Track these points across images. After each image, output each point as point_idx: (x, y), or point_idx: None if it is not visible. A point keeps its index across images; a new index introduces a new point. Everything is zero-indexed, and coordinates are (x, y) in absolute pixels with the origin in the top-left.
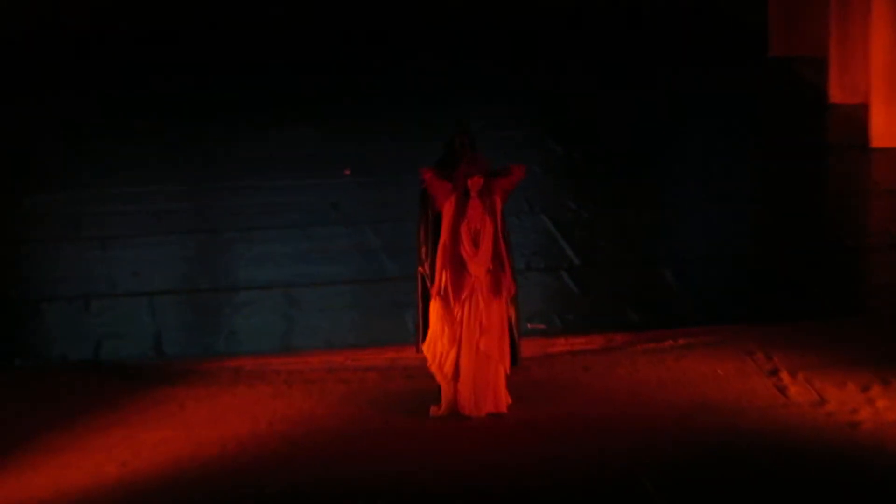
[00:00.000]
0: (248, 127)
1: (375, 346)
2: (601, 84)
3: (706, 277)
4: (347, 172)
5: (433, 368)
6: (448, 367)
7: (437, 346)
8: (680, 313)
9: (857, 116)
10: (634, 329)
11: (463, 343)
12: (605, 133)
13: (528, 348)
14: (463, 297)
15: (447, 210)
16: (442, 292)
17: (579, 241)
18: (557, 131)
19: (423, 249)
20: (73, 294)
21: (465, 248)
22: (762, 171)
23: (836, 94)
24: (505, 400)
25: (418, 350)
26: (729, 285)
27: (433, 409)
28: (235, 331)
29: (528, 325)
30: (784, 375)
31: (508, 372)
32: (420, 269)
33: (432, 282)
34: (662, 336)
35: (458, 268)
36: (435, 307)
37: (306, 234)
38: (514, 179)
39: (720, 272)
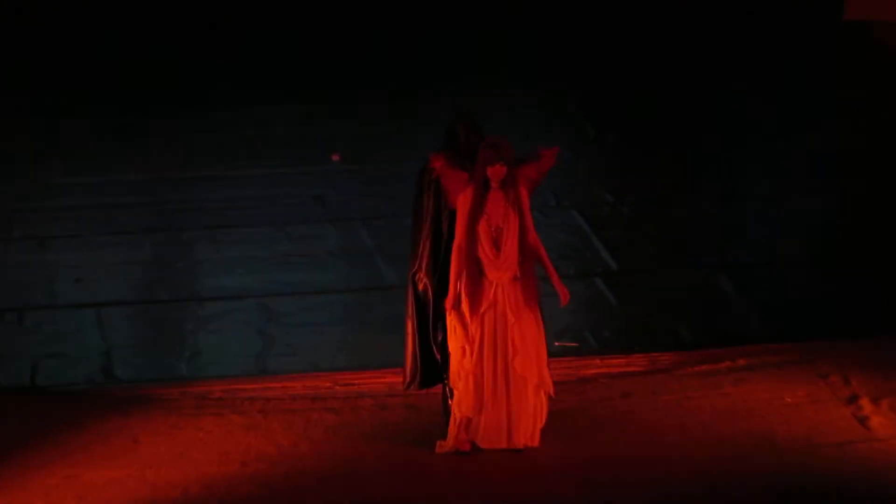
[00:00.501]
0: (215, 104)
1: (370, 368)
2: (644, 49)
3: (771, 285)
4: (336, 158)
5: (454, 398)
6: (464, 392)
7: (454, 369)
8: (739, 328)
9: None
10: (684, 348)
11: (485, 364)
12: (649, 109)
13: (557, 371)
14: (481, 310)
15: (462, 205)
16: (456, 305)
17: (617, 242)
18: (590, 107)
19: (420, 253)
20: (4, 306)
21: (485, 251)
22: (836, 155)
23: None
24: (538, 431)
25: (406, 386)
26: (798, 294)
27: (439, 445)
28: (200, 350)
29: (556, 344)
30: (865, 403)
31: (553, 394)
32: (415, 270)
33: (434, 291)
34: (718, 356)
35: (475, 275)
36: (451, 324)
37: (285, 234)
38: (544, 166)
39: (787, 278)
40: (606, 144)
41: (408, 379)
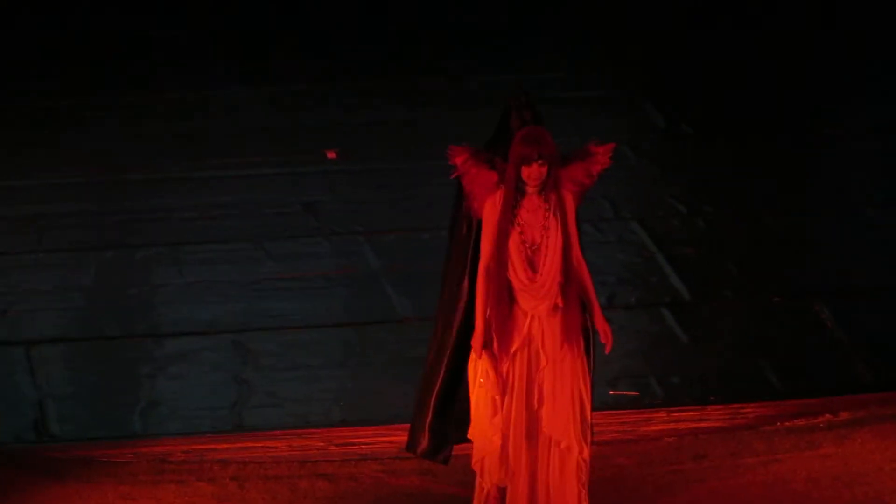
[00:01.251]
0: (175, 84)
1: (375, 424)
2: (730, 17)
3: (883, 320)
4: (332, 156)
5: (475, 464)
6: (492, 456)
7: (479, 427)
8: (843, 373)
9: None
10: (774, 398)
11: (514, 420)
12: (737, 93)
13: (612, 428)
14: (513, 349)
15: (489, 214)
16: (487, 344)
17: (690, 263)
18: (659, 92)
19: (454, 282)
20: None
21: (517, 273)
22: None
23: None
24: None
25: (411, 449)
26: None
27: None
28: (159, 400)
29: (611, 393)
30: None
31: (587, 458)
32: (448, 299)
33: (467, 331)
34: (816, 407)
35: (504, 304)
36: (473, 369)
37: (267, 252)
38: (595, 167)
39: None
40: (679, 138)
41: (413, 439)
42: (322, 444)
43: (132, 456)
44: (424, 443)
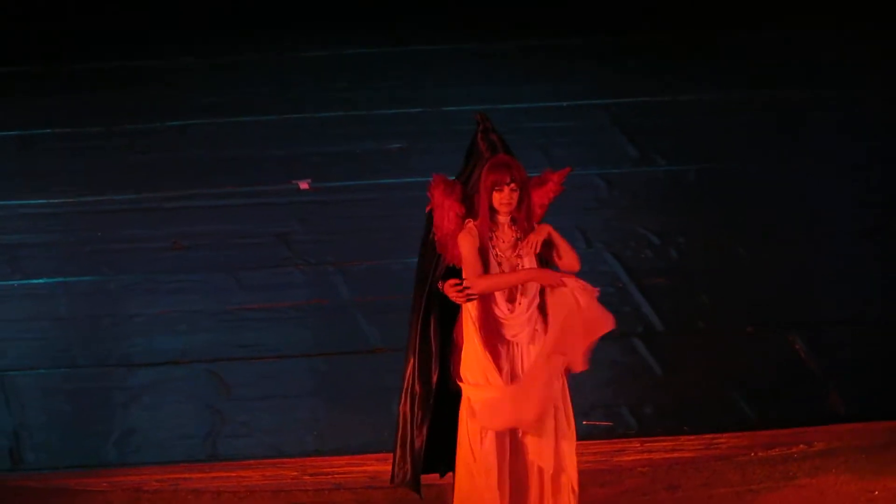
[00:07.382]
0: (146, 114)
1: (348, 453)
2: (704, 45)
3: (858, 349)
4: (305, 186)
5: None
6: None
7: (466, 457)
8: (817, 403)
9: None
10: (747, 428)
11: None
12: (706, 125)
13: (585, 458)
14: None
15: (469, 247)
16: (476, 379)
17: (663, 294)
18: (630, 118)
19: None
20: None
21: (498, 304)
22: None
23: None
24: None
25: (393, 482)
26: (893, 361)
27: None
28: (133, 429)
29: (585, 423)
30: None
31: (576, 489)
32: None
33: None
34: (791, 437)
35: (492, 337)
36: (464, 413)
37: (240, 282)
38: (545, 196)
39: (880, 342)
40: (652, 166)
41: (396, 470)
42: (296, 473)
43: (107, 485)
44: (404, 475)
